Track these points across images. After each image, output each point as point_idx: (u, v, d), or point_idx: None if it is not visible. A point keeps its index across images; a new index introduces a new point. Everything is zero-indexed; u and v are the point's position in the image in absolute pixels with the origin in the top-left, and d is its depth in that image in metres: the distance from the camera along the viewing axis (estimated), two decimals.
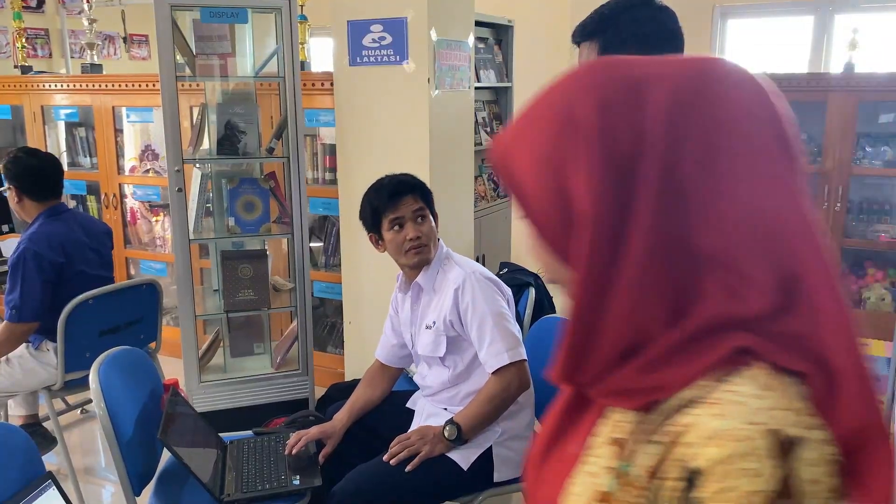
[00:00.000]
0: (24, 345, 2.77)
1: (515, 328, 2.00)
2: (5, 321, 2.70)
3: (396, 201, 2.03)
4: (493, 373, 1.95)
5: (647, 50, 1.41)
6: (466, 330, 1.99)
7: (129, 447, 1.86)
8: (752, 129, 0.62)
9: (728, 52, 5.43)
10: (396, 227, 2.04)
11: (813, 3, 5.01)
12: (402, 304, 2.20)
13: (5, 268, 2.78)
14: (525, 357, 1.98)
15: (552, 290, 4.16)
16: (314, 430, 2.09)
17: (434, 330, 2.04)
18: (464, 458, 1.96)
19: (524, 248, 0.73)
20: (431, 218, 2.08)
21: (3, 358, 2.76)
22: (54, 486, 1.54)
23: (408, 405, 2.25)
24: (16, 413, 3.03)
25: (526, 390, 2.00)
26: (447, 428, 1.95)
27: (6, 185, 2.81)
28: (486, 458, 1.98)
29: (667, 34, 1.43)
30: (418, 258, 2.04)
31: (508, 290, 2.11)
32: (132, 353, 2.08)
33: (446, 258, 2.10)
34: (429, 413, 2.12)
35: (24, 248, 2.68)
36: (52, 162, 2.86)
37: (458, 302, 1.98)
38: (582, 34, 1.47)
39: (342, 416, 2.15)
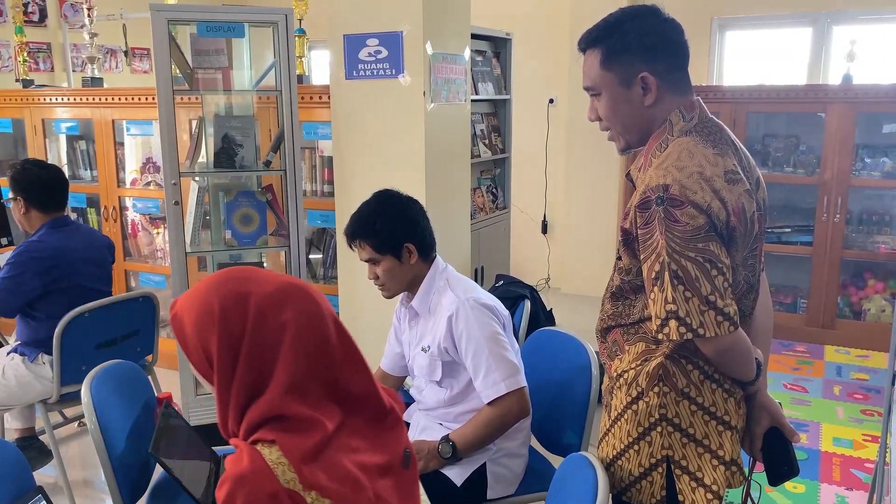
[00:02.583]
0: (20, 358, 2.77)
1: (513, 354, 1.96)
2: None
3: (350, 246, 2.07)
4: (489, 403, 1.93)
5: (650, 59, 1.41)
6: (461, 357, 1.97)
7: (120, 461, 1.87)
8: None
9: (726, 63, 5.45)
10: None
11: (811, 15, 5.03)
12: (403, 317, 2.20)
13: None
14: (524, 384, 1.94)
15: (548, 302, 4.16)
16: None
17: (429, 354, 2.02)
18: (458, 474, 1.95)
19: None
20: (390, 257, 2.01)
21: None
22: (44, 501, 1.53)
23: (402, 418, 2.24)
24: (12, 426, 3.03)
25: (526, 416, 1.98)
26: (442, 445, 1.94)
27: (11, 195, 2.83)
28: (479, 475, 1.97)
29: (670, 46, 1.44)
30: (382, 294, 2.08)
31: (506, 314, 2.06)
32: (125, 366, 2.08)
33: (443, 279, 2.06)
34: (423, 427, 2.11)
35: (23, 251, 2.73)
36: (58, 174, 2.90)
37: (451, 329, 1.96)
38: (587, 41, 1.48)
39: None
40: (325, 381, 1.16)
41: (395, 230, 2.00)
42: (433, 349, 2.01)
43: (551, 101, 5.65)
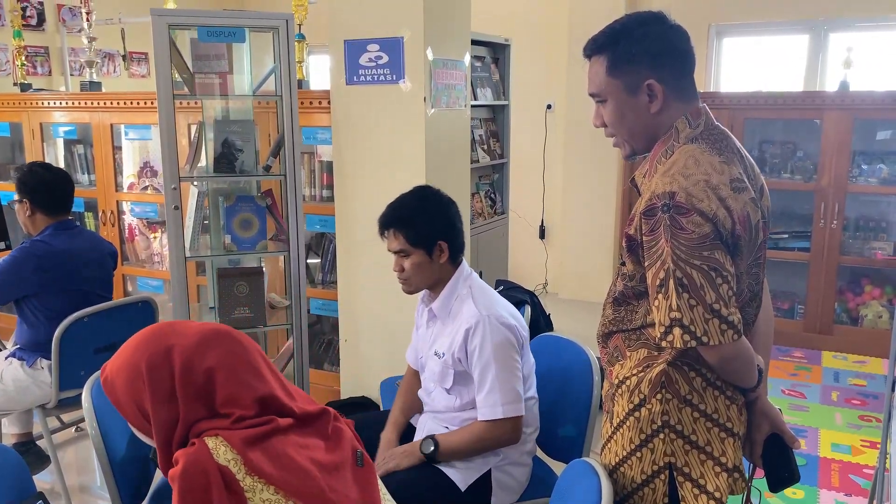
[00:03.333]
0: (18, 362, 2.76)
1: (520, 382, 1.95)
2: None
3: (382, 234, 2.06)
4: (484, 421, 1.94)
5: (656, 66, 1.41)
6: (471, 369, 1.97)
7: (121, 466, 1.86)
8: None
9: (723, 69, 5.47)
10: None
11: (807, 22, 5.05)
12: (420, 316, 2.19)
13: None
14: (522, 413, 1.94)
15: (546, 307, 4.17)
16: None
17: (442, 362, 2.02)
18: (462, 478, 1.95)
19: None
20: (422, 251, 2.00)
21: None
22: None
23: (409, 420, 2.24)
24: (9, 431, 3.02)
25: (514, 443, 1.97)
26: (425, 442, 1.97)
27: (17, 197, 2.83)
28: (484, 481, 1.97)
29: (676, 53, 1.43)
30: (403, 289, 2.07)
31: (525, 335, 2.05)
32: None
33: (466, 284, 2.04)
34: (429, 430, 2.09)
35: (26, 247, 2.73)
36: (64, 177, 2.91)
37: (467, 342, 1.95)
38: (592, 48, 1.48)
39: (391, 437, 2.12)
40: (268, 408, 1.25)
41: (432, 226, 2.01)
42: (447, 357, 2.00)
43: (549, 106, 5.66)
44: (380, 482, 1.41)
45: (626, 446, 1.48)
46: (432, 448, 1.95)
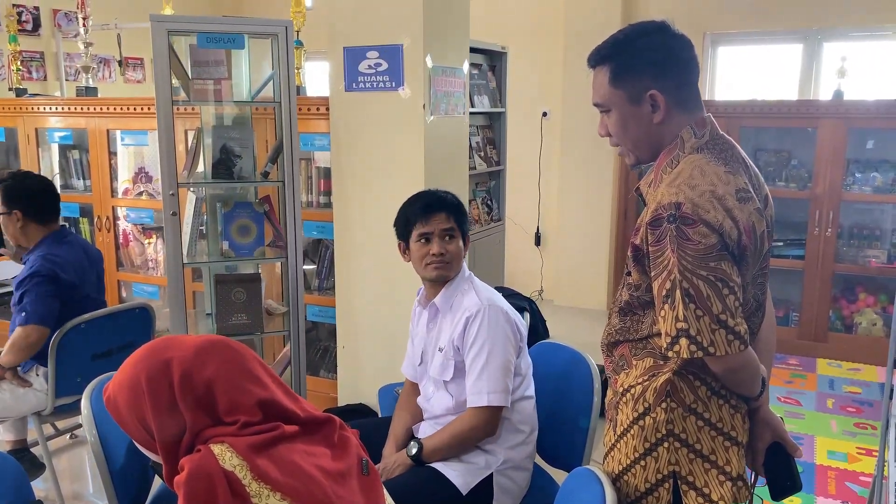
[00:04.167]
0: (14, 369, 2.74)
1: (509, 375, 1.97)
2: (19, 326, 2.61)
3: (428, 216, 2.05)
4: (470, 408, 1.96)
5: (658, 76, 1.42)
6: (465, 354, 1.99)
7: (120, 474, 1.84)
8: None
9: (718, 78, 5.50)
10: (423, 241, 2.06)
11: (802, 31, 5.09)
12: (418, 318, 2.21)
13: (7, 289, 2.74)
14: (505, 405, 1.96)
15: (544, 314, 4.17)
16: None
17: (444, 353, 2.04)
18: (464, 482, 1.95)
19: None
20: (461, 239, 2.09)
21: None
22: None
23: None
24: (4, 438, 3.00)
25: (490, 436, 1.98)
26: (411, 443, 2.01)
27: (3, 209, 2.75)
28: (485, 486, 1.97)
29: (679, 62, 1.44)
30: (437, 273, 2.06)
31: (523, 332, 2.07)
32: None
33: (468, 281, 2.10)
34: (428, 436, 2.10)
35: (40, 265, 2.63)
36: (49, 184, 2.87)
37: (466, 330, 1.98)
38: (596, 58, 1.49)
39: (392, 452, 2.11)
40: (272, 413, 1.25)
41: (467, 220, 2.14)
42: (447, 349, 2.03)
43: (545, 114, 5.67)
44: (385, 491, 1.41)
45: (629, 454, 1.48)
46: (416, 450, 1.98)
